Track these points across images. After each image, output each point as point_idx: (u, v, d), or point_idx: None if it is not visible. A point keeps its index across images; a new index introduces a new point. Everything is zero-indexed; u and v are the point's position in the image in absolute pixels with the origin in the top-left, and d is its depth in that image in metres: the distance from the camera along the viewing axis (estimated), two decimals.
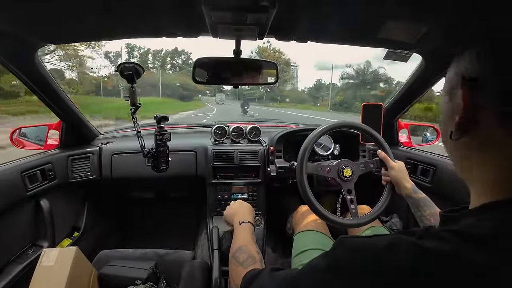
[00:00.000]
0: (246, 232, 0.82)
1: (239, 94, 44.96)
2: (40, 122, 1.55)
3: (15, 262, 1.15)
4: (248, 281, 0.53)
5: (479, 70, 0.36)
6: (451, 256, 0.29)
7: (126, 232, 2.06)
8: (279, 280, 0.44)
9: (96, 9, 0.74)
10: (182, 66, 45.92)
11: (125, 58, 38.55)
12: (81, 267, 0.97)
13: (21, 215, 1.21)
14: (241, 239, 0.78)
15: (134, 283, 1.00)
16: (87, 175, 1.53)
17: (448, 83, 0.41)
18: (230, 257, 0.72)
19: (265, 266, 0.66)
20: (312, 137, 1.07)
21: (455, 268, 0.28)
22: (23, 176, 1.18)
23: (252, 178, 1.62)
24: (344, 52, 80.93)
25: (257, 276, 0.52)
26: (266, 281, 0.47)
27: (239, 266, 0.66)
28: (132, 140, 1.65)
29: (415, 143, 1.64)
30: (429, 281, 0.29)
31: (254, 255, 0.69)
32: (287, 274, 0.44)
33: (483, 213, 0.33)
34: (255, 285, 0.50)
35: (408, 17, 0.76)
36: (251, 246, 0.73)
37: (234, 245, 0.75)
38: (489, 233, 0.30)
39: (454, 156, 0.43)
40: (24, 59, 1.02)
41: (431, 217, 0.90)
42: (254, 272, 0.54)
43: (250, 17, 0.70)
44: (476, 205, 0.36)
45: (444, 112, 0.42)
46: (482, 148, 0.36)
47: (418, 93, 1.36)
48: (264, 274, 0.50)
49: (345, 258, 0.35)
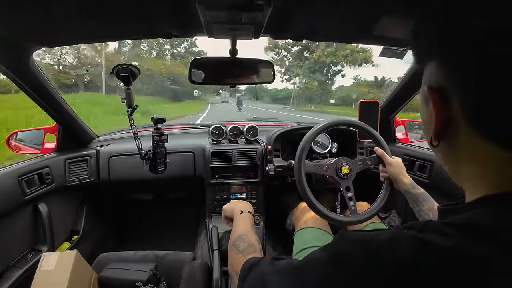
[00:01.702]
0: (247, 221, 0.83)
1: (257, 93, 41.92)
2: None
3: (15, 267, 1.14)
4: (248, 268, 0.52)
5: (440, 81, 0.36)
6: (452, 249, 0.29)
7: (125, 234, 2.06)
8: (280, 269, 0.43)
9: (90, 12, 0.74)
10: (185, 54, 38.27)
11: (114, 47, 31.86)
12: (81, 270, 0.97)
13: (19, 219, 1.20)
14: (242, 228, 0.78)
15: (134, 285, 1.00)
16: (85, 178, 1.53)
17: (421, 93, 0.41)
18: (230, 245, 0.72)
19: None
20: (309, 135, 1.07)
21: (456, 261, 0.29)
22: (21, 180, 1.17)
23: (251, 178, 1.62)
24: None
25: (257, 264, 0.51)
26: (267, 269, 0.46)
27: (239, 254, 0.66)
28: (129, 142, 1.65)
29: (414, 139, 1.65)
30: (430, 275, 0.29)
31: (255, 243, 0.69)
32: (288, 263, 0.44)
33: (479, 206, 0.34)
34: (254, 272, 0.50)
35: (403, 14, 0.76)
36: (251, 235, 0.73)
37: (234, 233, 0.75)
38: (488, 226, 0.30)
39: (440, 160, 0.43)
40: (19, 63, 1.02)
41: (429, 211, 0.90)
42: (253, 260, 0.54)
43: (245, 16, 0.70)
44: (470, 200, 0.36)
45: (423, 120, 0.42)
46: (461, 152, 0.36)
47: (414, 89, 1.37)
48: (265, 262, 0.50)
49: (345, 251, 0.35)
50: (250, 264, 0.53)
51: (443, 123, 0.36)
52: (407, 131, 1.67)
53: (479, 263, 0.28)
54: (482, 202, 0.34)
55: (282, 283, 0.41)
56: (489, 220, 0.31)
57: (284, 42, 5.92)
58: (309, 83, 35.43)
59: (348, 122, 1.13)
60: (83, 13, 0.75)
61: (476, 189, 0.36)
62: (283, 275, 0.42)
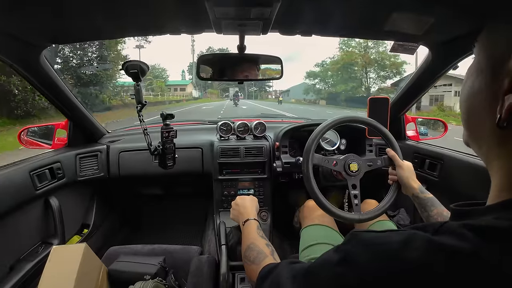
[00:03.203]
0: (251, 229, 0.83)
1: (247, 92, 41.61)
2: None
3: (26, 260, 1.16)
4: (265, 274, 0.53)
5: None
6: (469, 253, 0.28)
7: (134, 228, 2.09)
8: (295, 272, 0.44)
9: (100, 9, 0.74)
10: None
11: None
12: (90, 263, 0.98)
13: (31, 213, 1.23)
14: (248, 238, 0.79)
15: (143, 278, 1.01)
16: (95, 173, 1.55)
17: (487, 60, 0.36)
18: (242, 257, 0.73)
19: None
20: (320, 129, 1.07)
21: (473, 265, 0.28)
22: (32, 175, 1.20)
23: (258, 174, 1.62)
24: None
25: (273, 270, 0.53)
26: (283, 272, 0.47)
27: (252, 265, 0.67)
28: (138, 138, 1.67)
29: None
30: (445, 278, 0.28)
31: (263, 249, 0.69)
32: (302, 266, 0.45)
33: (502, 211, 0.32)
34: (272, 276, 0.51)
35: (414, 8, 0.74)
36: (258, 241, 0.73)
37: (244, 245, 0.76)
38: (508, 232, 0.29)
39: (491, 157, 0.38)
40: (30, 60, 1.04)
41: (438, 216, 0.88)
42: (271, 266, 0.55)
43: (254, 11, 0.70)
44: (494, 200, 0.35)
45: (477, 98, 0.37)
46: None
47: (425, 86, 1.34)
48: (282, 266, 0.51)
49: (358, 252, 0.35)
50: (268, 269, 0.54)
51: None
52: (417, 128, 1.65)
53: (497, 268, 0.27)
54: (506, 205, 0.32)
55: (296, 285, 0.41)
56: (509, 224, 0.29)
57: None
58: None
59: (359, 119, 1.12)
60: (93, 11, 0.75)
61: (504, 190, 0.34)
62: (298, 278, 0.42)
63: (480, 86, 0.37)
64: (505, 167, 0.34)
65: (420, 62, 1.23)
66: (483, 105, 0.36)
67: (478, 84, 0.37)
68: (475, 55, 0.39)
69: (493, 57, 0.35)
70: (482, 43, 0.38)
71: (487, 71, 0.36)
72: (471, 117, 0.39)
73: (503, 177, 0.35)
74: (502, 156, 0.35)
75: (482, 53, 0.37)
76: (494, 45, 0.36)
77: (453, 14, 0.75)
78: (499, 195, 0.34)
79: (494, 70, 0.35)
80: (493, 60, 0.35)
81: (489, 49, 0.36)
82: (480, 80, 0.37)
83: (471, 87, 0.38)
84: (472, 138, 0.41)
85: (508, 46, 0.34)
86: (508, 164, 0.34)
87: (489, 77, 0.35)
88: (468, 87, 0.39)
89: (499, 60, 0.34)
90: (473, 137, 0.40)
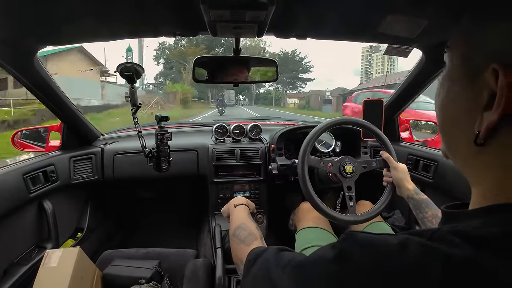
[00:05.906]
0: (242, 212, 0.84)
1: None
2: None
3: (19, 264, 1.15)
4: (253, 259, 0.52)
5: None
6: (460, 260, 0.28)
7: (129, 231, 2.07)
8: (285, 262, 0.43)
9: (93, 11, 0.74)
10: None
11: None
12: (84, 267, 0.97)
13: (24, 217, 1.22)
14: (239, 218, 0.79)
15: (137, 282, 1.01)
16: (89, 176, 1.54)
17: (462, 67, 0.34)
18: (231, 236, 0.72)
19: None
20: (315, 131, 1.07)
21: (467, 272, 0.28)
22: (25, 178, 1.18)
23: (254, 176, 1.62)
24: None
25: (261, 254, 0.51)
26: (271, 261, 0.46)
27: (241, 244, 0.66)
28: (133, 140, 1.66)
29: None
30: (437, 284, 0.28)
31: (254, 231, 0.69)
32: (293, 257, 0.43)
33: (488, 215, 0.32)
34: (259, 262, 0.49)
35: (408, 12, 0.75)
36: (250, 223, 0.74)
37: (233, 225, 0.76)
38: (497, 237, 0.29)
39: (470, 168, 0.37)
40: (24, 62, 1.03)
41: (433, 218, 0.89)
42: (258, 250, 0.54)
43: (249, 14, 0.70)
44: (477, 206, 0.34)
45: (452, 107, 0.36)
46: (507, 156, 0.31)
47: (419, 88, 1.35)
48: (270, 253, 0.49)
49: (353, 250, 0.34)
50: (255, 254, 0.53)
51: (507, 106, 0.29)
52: (411, 130, 1.66)
53: (486, 274, 0.27)
54: (492, 210, 0.32)
55: (286, 277, 0.40)
56: (498, 230, 0.29)
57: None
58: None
59: (354, 121, 1.12)
60: (87, 13, 0.75)
61: (490, 192, 0.33)
62: (288, 269, 0.41)
63: (456, 95, 0.36)
64: (488, 177, 0.34)
65: (414, 65, 1.25)
66: (459, 116, 0.35)
67: (454, 93, 0.36)
68: (447, 61, 0.38)
69: (470, 65, 0.33)
70: (455, 47, 0.36)
71: (462, 80, 0.34)
72: (446, 126, 0.39)
73: (486, 190, 0.34)
74: (481, 167, 0.34)
75: (456, 59, 0.36)
76: (470, 51, 0.34)
77: (446, 16, 0.76)
78: (482, 201, 0.34)
79: (471, 79, 0.33)
80: (469, 69, 0.33)
81: (464, 55, 0.35)
82: (456, 90, 0.36)
83: (446, 95, 0.37)
84: (448, 147, 0.40)
85: (486, 53, 0.31)
86: (490, 176, 0.34)
87: (465, 87, 0.34)
88: (443, 95, 0.38)
89: (476, 69, 0.32)
90: (449, 146, 0.40)
